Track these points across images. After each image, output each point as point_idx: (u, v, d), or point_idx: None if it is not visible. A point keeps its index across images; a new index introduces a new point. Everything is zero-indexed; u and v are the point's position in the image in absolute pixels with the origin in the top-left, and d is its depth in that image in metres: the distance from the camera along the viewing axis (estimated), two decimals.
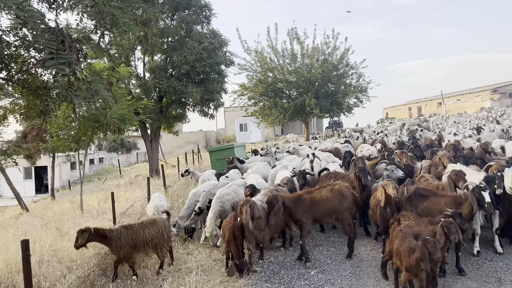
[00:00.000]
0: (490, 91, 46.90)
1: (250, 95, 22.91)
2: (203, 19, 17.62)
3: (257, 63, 22.66)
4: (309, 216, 5.86)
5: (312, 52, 22.00)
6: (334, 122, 41.62)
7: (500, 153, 9.36)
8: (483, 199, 4.87)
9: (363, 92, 23.09)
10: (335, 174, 7.53)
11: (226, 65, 18.02)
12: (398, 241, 4.53)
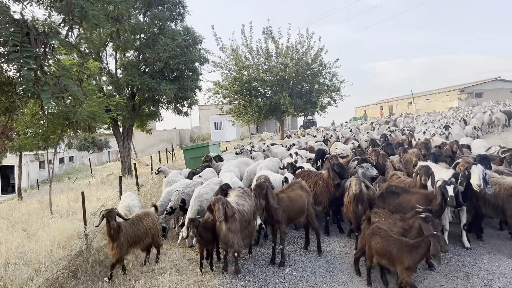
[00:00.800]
0: (457, 91, 48.48)
1: (225, 93, 22.84)
2: (177, 16, 17.39)
3: (232, 61, 22.61)
4: (286, 216, 5.78)
5: (287, 51, 22.13)
6: (308, 121, 42.01)
7: (467, 151, 9.67)
8: (447, 193, 5.00)
9: (336, 91, 23.43)
10: (308, 173, 7.57)
11: (200, 62, 17.84)
12: (382, 240, 4.50)
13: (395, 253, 4.35)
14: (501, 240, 6.29)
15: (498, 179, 5.86)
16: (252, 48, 22.43)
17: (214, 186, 7.02)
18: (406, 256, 4.27)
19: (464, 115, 23.21)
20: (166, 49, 15.04)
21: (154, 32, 16.45)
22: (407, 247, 4.31)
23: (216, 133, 37.64)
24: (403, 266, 4.26)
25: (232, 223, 5.32)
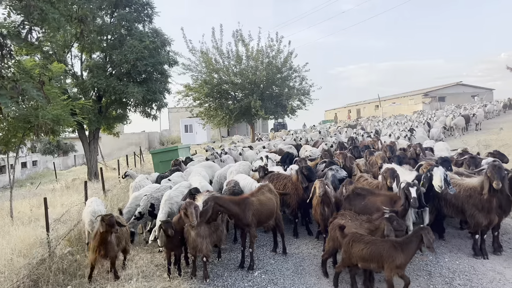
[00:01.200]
0: (422, 95, 50.13)
1: (195, 95, 22.64)
2: (145, 17, 17.12)
3: (202, 63, 22.46)
4: (256, 219, 5.76)
5: (257, 54, 22.21)
6: (279, 124, 42.31)
7: (431, 153, 10.00)
8: (410, 195, 5.15)
9: (306, 94, 23.71)
10: (277, 175, 7.62)
11: (169, 64, 17.62)
12: (368, 245, 4.52)
13: (386, 254, 4.42)
14: (461, 239, 6.55)
15: (458, 181, 6.09)
16: (223, 51, 22.39)
17: (183, 189, 6.95)
18: (399, 255, 4.39)
19: (427, 118, 24.04)
20: (134, 51, 14.77)
21: (121, 33, 16.12)
22: (399, 245, 4.44)
23: (186, 136, 37.28)
24: (395, 265, 4.37)
25: (200, 228, 5.29)
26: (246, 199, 5.76)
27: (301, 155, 12.51)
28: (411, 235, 4.56)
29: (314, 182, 6.71)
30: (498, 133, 18.63)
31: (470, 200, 5.73)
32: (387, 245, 4.47)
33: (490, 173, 5.35)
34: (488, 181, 5.40)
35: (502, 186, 5.27)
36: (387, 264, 4.41)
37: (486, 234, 5.86)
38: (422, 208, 5.90)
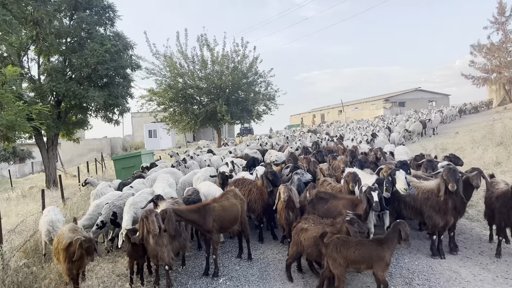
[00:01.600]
0: (383, 101, 51.86)
1: (160, 100, 22.30)
2: (106, 20, 16.66)
3: (166, 68, 22.18)
4: (218, 225, 5.72)
5: (222, 59, 22.19)
6: (245, 129, 42.39)
7: (391, 157, 10.32)
8: (372, 199, 5.28)
9: (271, 100, 23.91)
10: (243, 181, 7.62)
11: (132, 69, 17.22)
12: (358, 247, 4.57)
13: (375, 254, 4.51)
14: (420, 240, 6.78)
15: (417, 183, 6.31)
16: (187, 55, 22.21)
17: (147, 195, 6.80)
18: (387, 252, 4.53)
19: (388, 123, 24.85)
20: (94, 54, 14.33)
21: (81, 36, 15.59)
22: (384, 242, 4.58)
23: (150, 141, 36.59)
24: (385, 263, 4.50)
25: (159, 236, 5.15)
26: (207, 205, 5.70)
27: (267, 160, 12.57)
28: (391, 231, 4.72)
29: (279, 186, 6.79)
30: (454, 137, 19.53)
31: (428, 202, 5.95)
32: (375, 245, 4.59)
33: (446, 176, 5.58)
34: (444, 183, 5.62)
35: (457, 188, 5.50)
36: (377, 263, 4.50)
37: (443, 235, 6.09)
38: (382, 211, 6.08)
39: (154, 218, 4.85)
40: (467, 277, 5.20)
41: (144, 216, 4.97)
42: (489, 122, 18.30)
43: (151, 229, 4.83)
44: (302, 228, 5.11)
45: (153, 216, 4.86)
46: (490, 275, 5.26)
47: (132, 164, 13.70)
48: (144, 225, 4.98)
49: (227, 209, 5.90)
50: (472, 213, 8.08)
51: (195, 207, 5.74)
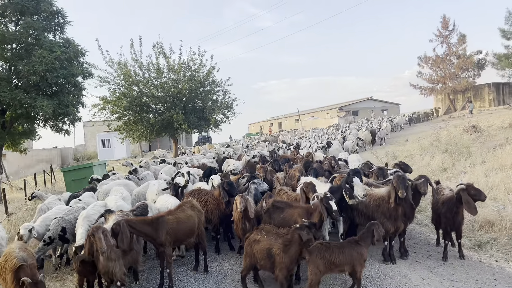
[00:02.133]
0: (337, 110, 53.38)
1: (113, 109, 21.61)
2: (56, 26, 16.03)
3: (120, 75, 21.59)
4: (172, 238, 5.59)
5: (179, 67, 21.98)
6: (203, 137, 42.00)
7: (344, 165, 10.61)
8: (331, 208, 5.37)
9: (229, 108, 23.93)
10: (199, 191, 7.52)
11: (84, 76, 16.62)
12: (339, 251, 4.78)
13: (356, 253, 4.81)
14: (372, 246, 6.95)
15: (368, 191, 6.51)
16: (142, 63, 21.79)
17: (100, 208, 6.53)
18: (364, 251, 4.88)
19: (343, 131, 25.61)
20: (43, 62, 13.69)
21: (28, 42, 14.88)
22: (361, 242, 4.91)
23: (103, 151, 35.37)
24: (363, 260, 4.86)
25: (111, 251, 4.95)
26: (160, 218, 5.55)
27: (224, 169, 12.51)
28: (365, 231, 5.06)
29: (235, 196, 6.76)
30: (404, 145, 20.42)
31: (379, 209, 6.14)
32: (354, 245, 4.89)
33: (396, 183, 5.79)
34: (394, 190, 5.84)
35: (406, 195, 5.74)
36: (358, 262, 4.80)
37: (394, 240, 6.32)
38: (337, 219, 6.21)
39: (101, 235, 4.65)
40: (417, 281, 5.41)
41: (90, 233, 4.75)
42: (435, 130, 19.30)
43: (98, 247, 4.62)
44: (255, 239, 5.09)
45: (100, 233, 4.66)
46: (438, 278, 5.50)
47: (84, 175, 13.12)
48: (92, 242, 4.77)
49: (183, 221, 5.78)
50: (421, 218, 8.46)
51: (149, 219, 5.58)
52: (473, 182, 6.23)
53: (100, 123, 24.55)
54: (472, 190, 5.80)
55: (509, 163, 10.83)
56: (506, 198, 8.47)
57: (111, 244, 4.82)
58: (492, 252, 6.46)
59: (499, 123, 19.51)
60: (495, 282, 5.31)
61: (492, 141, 14.20)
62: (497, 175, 10.01)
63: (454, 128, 20.28)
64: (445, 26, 45.03)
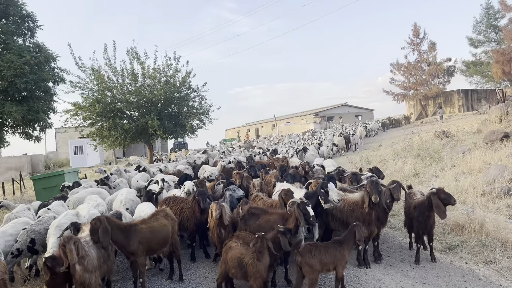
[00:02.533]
0: (313, 115, 54.02)
1: (86, 115, 21.16)
2: (26, 30, 15.59)
3: (93, 81, 21.19)
4: (145, 248, 5.48)
5: (154, 73, 21.77)
6: (179, 143, 41.60)
7: (321, 170, 10.69)
8: (308, 213, 5.38)
9: (205, 114, 23.86)
10: (173, 199, 7.42)
11: (55, 82, 16.21)
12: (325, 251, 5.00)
13: (339, 254, 5.04)
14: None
15: (342, 196, 6.58)
16: (116, 68, 21.47)
17: (72, 217, 6.35)
18: (347, 252, 5.13)
19: (319, 137, 25.90)
20: (11, 67, 13.27)
21: None
22: (344, 243, 5.15)
23: (76, 158, 34.48)
24: (345, 261, 5.11)
25: (88, 262, 4.81)
26: (133, 226, 5.45)
27: (200, 176, 12.41)
28: (348, 233, 5.29)
29: (211, 204, 6.70)
30: (378, 150, 20.83)
31: (353, 214, 6.22)
32: (338, 246, 5.11)
33: (369, 188, 5.88)
34: (367, 195, 5.93)
35: (380, 199, 5.83)
36: (340, 262, 5.03)
37: (368, 245, 6.40)
38: (313, 224, 6.24)
39: (72, 246, 4.50)
40: (390, 284, 5.49)
41: (61, 244, 4.60)
42: (408, 136, 19.76)
43: (69, 258, 4.48)
44: (230, 246, 5.05)
45: (71, 244, 4.51)
46: (410, 281, 5.61)
47: (55, 183, 12.75)
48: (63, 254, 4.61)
49: (156, 230, 5.67)
50: (394, 222, 8.62)
51: (122, 225, 5.46)
52: (443, 187, 6.41)
53: (73, 129, 23.95)
54: (442, 194, 5.95)
55: (477, 167, 11.20)
56: (475, 202, 8.75)
57: (86, 254, 4.69)
58: (462, 254, 6.63)
59: (468, 128, 20.19)
60: (465, 284, 5.45)
61: (462, 146, 14.64)
62: (466, 179, 10.32)
63: (426, 133, 20.84)
64: (416, 34, 46.46)
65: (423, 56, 46.18)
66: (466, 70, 46.32)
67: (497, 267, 5.97)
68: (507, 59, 31.68)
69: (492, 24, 40.59)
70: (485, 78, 44.64)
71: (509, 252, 6.33)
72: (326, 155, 17.89)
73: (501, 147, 12.36)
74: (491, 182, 9.61)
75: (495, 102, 29.71)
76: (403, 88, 47.89)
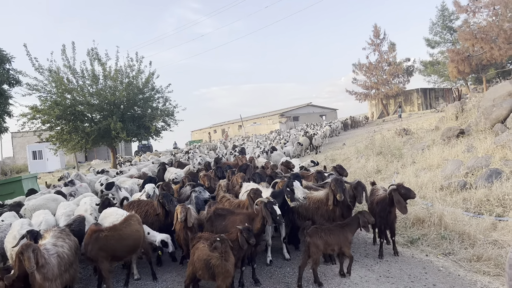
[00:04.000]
0: (278, 115, 54.47)
1: (45, 118, 20.26)
2: None
3: (51, 83, 20.34)
4: (108, 255, 5.32)
5: (115, 74, 21.21)
6: (143, 146, 40.76)
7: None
8: (275, 212, 5.40)
9: (170, 115, 23.49)
10: (138, 202, 7.26)
11: (10, 84, 15.48)
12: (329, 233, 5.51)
13: (343, 236, 5.57)
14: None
15: (308, 194, 6.66)
16: (76, 69, 20.72)
17: (28, 227, 6.05)
18: (350, 234, 5.66)
19: (287, 137, 26.14)
20: None
21: None
22: (347, 226, 5.68)
23: (34, 163, 33.09)
24: (349, 242, 5.65)
25: (47, 270, 4.60)
26: (96, 232, 5.29)
27: (166, 178, 12.21)
28: (352, 218, 5.86)
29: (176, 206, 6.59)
30: (341, 148, 21.27)
31: (318, 211, 6.32)
32: (341, 229, 5.63)
33: (334, 186, 5.97)
34: (332, 193, 6.02)
35: (344, 197, 5.94)
36: (344, 243, 5.56)
37: None
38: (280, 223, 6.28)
39: (31, 254, 4.30)
40: (355, 279, 5.61)
41: (19, 252, 4.38)
42: (370, 134, 20.28)
43: (26, 266, 4.27)
44: (197, 247, 4.99)
45: (30, 252, 4.30)
46: (374, 275, 5.74)
47: (12, 190, 12.16)
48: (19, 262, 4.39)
49: (125, 238, 5.52)
50: None
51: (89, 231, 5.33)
52: (403, 182, 6.61)
53: (31, 133, 22.88)
54: (402, 189, 6.12)
55: (435, 163, 11.65)
56: (434, 196, 9.09)
57: (47, 262, 4.49)
58: (423, 247, 6.87)
59: (426, 126, 20.98)
60: (426, 276, 5.65)
61: (421, 143, 15.18)
62: (426, 174, 10.71)
63: (387, 131, 21.47)
64: (376, 35, 47.89)
65: (384, 56, 47.69)
66: (424, 69, 48.28)
67: (455, 258, 6.22)
68: (462, 59, 33.19)
69: (447, 26, 42.54)
70: (442, 77, 46.70)
71: (466, 244, 6.61)
72: (292, 155, 18.07)
73: (457, 143, 12.91)
74: (449, 177, 10.02)
75: (451, 100, 31.16)
76: (365, 88, 49.25)
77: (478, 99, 16.16)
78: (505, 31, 28.47)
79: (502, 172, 8.94)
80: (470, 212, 7.96)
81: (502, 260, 5.69)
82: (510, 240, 6.32)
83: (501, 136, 11.06)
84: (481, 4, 30.94)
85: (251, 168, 10.11)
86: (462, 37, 32.51)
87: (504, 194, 8.09)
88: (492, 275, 5.49)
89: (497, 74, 34.97)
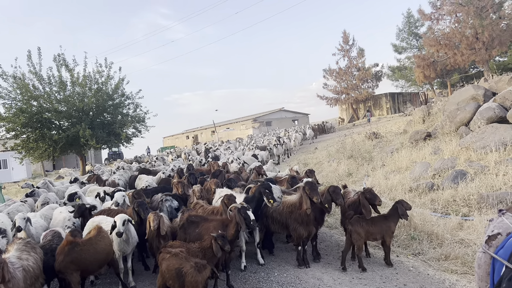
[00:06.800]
0: (251, 121, 54.58)
1: (9, 126, 19.58)
2: None
3: (16, 90, 19.68)
4: (80, 268, 5.16)
5: (84, 80, 20.77)
6: (114, 153, 39.91)
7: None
8: (249, 218, 5.40)
9: (141, 122, 23.18)
10: (109, 211, 7.09)
11: None
12: (370, 223, 5.92)
13: (385, 226, 5.93)
14: (288, 252, 7.19)
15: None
16: (42, 76, 20.17)
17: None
18: (392, 224, 5.97)
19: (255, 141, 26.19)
20: None
21: None
22: (389, 217, 6.00)
23: None
24: (392, 232, 6.01)
25: (13, 285, 4.42)
26: (71, 243, 5.13)
27: (137, 186, 11.99)
28: (392, 208, 6.06)
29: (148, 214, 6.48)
30: (314, 152, 21.53)
31: (292, 215, 6.35)
32: (383, 220, 6.00)
33: (309, 190, 6.01)
34: (308, 197, 6.05)
35: (320, 200, 5.99)
36: (387, 233, 5.94)
37: (307, 245, 6.57)
38: (254, 228, 6.28)
39: None
40: (329, 282, 5.68)
41: None
42: (341, 138, 20.64)
43: None
44: (163, 258, 4.88)
45: None
46: (348, 277, 5.83)
47: None
48: None
49: (100, 252, 5.36)
50: (331, 221, 8.93)
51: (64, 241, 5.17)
52: (372, 186, 6.75)
53: None
54: (368, 194, 6.20)
55: (404, 165, 11.98)
56: (404, 198, 9.31)
57: (12, 276, 4.31)
58: (394, 248, 7.02)
59: (395, 129, 21.55)
60: (397, 276, 5.78)
61: (390, 146, 15.58)
62: (395, 176, 10.99)
63: (358, 135, 21.91)
64: (346, 40, 48.93)
65: (353, 62, 48.75)
66: (392, 74, 49.75)
67: (424, 258, 6.40)
68: (427, 64, 34.40)
69: (413, 32, 44.06)
70: (409, 82, 48.26)
71: (435, 243, 6.81)
72: (265, 160, 18.13)
73: (424, 146, 13.33)
74: (417, 179, 10.33)
75: (419, 104, 32.14)
76: (336, 93, 50.14)
77: (444, 103, 16.75)
78: (467, 38, 29.71)
79: (467, 173, 9.28)
80: (437, 212, 8.22)
81: (468, 259, 5.90)
82: (476, 238, 6.55)
83: (465, 138, 11.50)
84: (443, 12, 32.18)
85: (224, 174, 10.08)
86: (427, 43, 33.71)
87: (469, 194, 8.40)
88: (459, 273, 5.68)
89: (460, 79, 36.40)
